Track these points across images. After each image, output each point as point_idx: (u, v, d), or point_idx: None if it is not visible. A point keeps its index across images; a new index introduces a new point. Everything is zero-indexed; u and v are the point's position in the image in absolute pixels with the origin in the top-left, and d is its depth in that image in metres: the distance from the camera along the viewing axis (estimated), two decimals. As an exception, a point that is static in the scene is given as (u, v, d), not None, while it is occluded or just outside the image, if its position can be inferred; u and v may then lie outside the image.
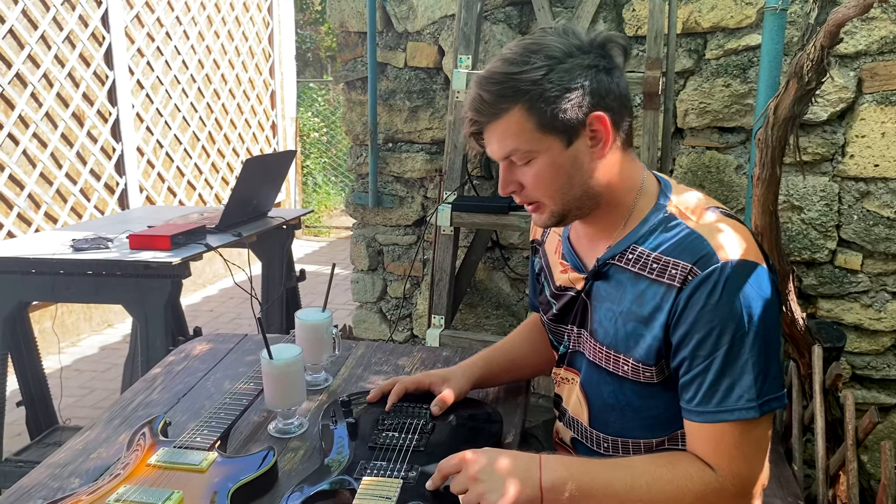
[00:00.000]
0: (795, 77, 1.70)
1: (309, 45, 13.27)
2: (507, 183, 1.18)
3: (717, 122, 2.45)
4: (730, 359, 1.07)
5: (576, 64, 1.11)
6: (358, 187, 2.92)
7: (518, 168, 1.16)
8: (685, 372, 1.11)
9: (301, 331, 1.55)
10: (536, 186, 1.16)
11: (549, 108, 1.10)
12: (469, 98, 1.15)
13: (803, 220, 2.43)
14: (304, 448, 1.32)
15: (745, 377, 1.06)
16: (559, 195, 1.16)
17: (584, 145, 1.14)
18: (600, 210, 1.21)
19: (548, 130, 1.11)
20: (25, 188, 4.11)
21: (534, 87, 1.09)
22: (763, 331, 1.07)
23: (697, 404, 1.09)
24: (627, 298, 1.17)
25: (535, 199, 1.18)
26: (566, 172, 1.14)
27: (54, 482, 1.22)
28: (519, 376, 1.57)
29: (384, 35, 2.75)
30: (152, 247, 2.37)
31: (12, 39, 3.98)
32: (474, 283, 2.82)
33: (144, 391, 1.56)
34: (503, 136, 1.13)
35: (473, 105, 1.14)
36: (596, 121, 1.13)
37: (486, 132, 1.15)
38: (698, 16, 2.39)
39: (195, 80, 5.56)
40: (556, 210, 1.19)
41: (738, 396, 1.06)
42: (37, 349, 2.71)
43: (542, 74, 1.09)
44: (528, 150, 1.12)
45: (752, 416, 1.06)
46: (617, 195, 1.19)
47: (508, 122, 1.11)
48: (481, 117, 1.13)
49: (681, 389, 1.13)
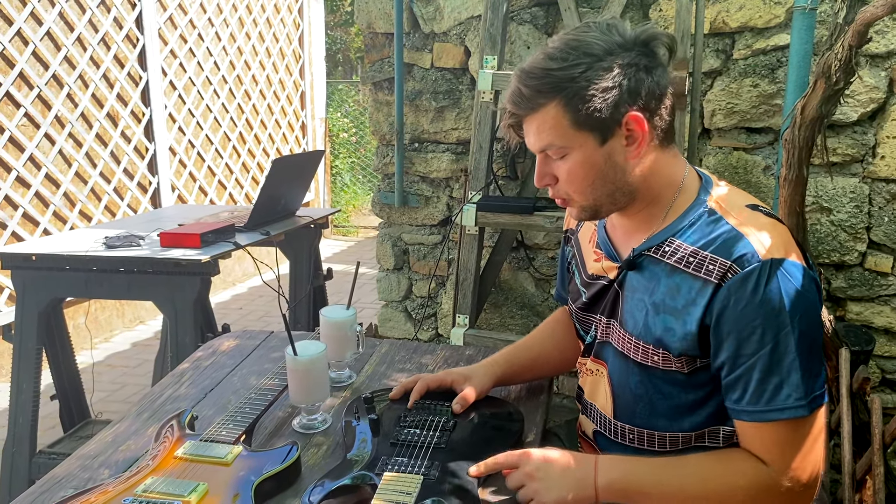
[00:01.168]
0: (823, 77, 1.68)
1: (339, 46, 13.36)
2: (542, 175, 1.20)
3: (744, 122, 2.43)
4: (775, 358, 1.07)
5: (615, 63, 1.11)
6: (384, 187, 2.95)
7: (553, 162, 1.17)
8: (729, 371, 1.11)
9: (325, 328, 1.57)
10: (569, 181, 1.17)
11: (584, 105, 1.10)
12: (509, 91, 1.17)
13: (832, 221, 2.40)
14: (328, 443, 1.34)
15: (793, 376, 1.07)
16: (589, 191, 1.18)
17: (619, 144, 1.14)
18: (637, 204, 1.21)
19: (582, 127, 1.12)
20: (61, 187, 4.20)
21: (570, 83, 1.10)
22: (806, 328, 1.07)
23: (747, 404, 1.10)
24: (660, 290, 1.18)
25: (566, 194, 1.20)
26: (599, 170, 1.15)
27: (84, 472, 1.25)
28: (541, 374, 1.57)
29: (411, 36, 2.77)
30: (182, 245, 2.41)
31: (49, 41, 4.07)
32: (499, 282, 2.83)
33: (172, 386, 1.59)
34: (539, 130, 1.14)
35: (512, 98, 1.15)
36: (632, 121, 1.13)
37: (524, 124, 1.17)
38: (726, 15, 2.37)
39: (226, 81, 5.63)
40: (585, 205, 1.20)
41: (786, 395, 1.07)
42: (70, 344, 2.77)
43: (579, 72, 1.10)
44: (562, 145, 1.14)
45: (802, 414, 1.07)
46: (655, 190, 1.20)
47: (545, 116, 1.13)
48: (519, 110, 1.15)
49: (726, 389, 1.13)
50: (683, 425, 1.21)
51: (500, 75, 2.38)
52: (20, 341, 2.50)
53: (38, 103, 4.03)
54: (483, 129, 2.42)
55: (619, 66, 1.11)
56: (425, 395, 1.46)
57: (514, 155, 2.64)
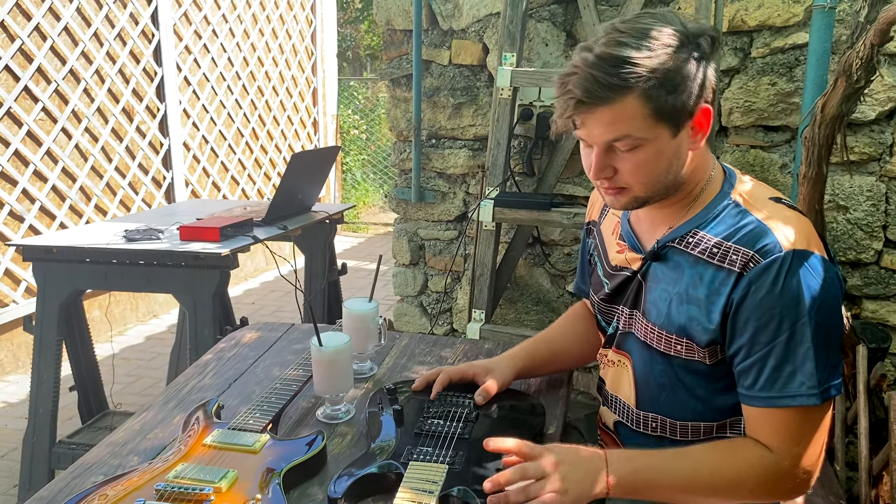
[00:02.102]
0: (844, 75, 1.69)
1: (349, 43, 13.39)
2: (603, 167, 1.14)
3: (761, 120, 2.44)
4: (791, 346, 1.08)
5: (690, 54, 1.10)
6: (401, 182, 2.96)
7: (618, 154, 1.13)
8: (744, 358, 1.13)
9: (348, 320, 1.59)
10: (634, 173, 1.14)
11: (668, 96, 1.08)
12: (577, 77, 1.08)
13: (849, 220, 2.40)
14: (352, 433, 1.36)
15: (807, 364, 1.08)
16: (653, 183, 1.16)
17: (686, 136, 1.14)
18: (675, 195, 1.21)
19: (661, 119, 1.10)
20: (77, 181, 4.23)
21: (654, 73, 1.06)
22: (824, 320, 1.09)
23: (759, 389, 1.11)
24: (684, 280, 1.19)
25: (626, 184, 1.16)
26: (668, 161, 1.14)
27: (114, 459, 1.27)
28: (562, 367, 1.59)
29: (429, 33, 2.79)
30: (202, 238, 2.43)
31: (67, 36, 4.10)
32: (514, 278, 2.84)
33: (197, 376, 1.61)
34: (613, 121, 1.09)
35: (585, 85, 1.07)
36: (703, 114, 1.13)
37: (589, 115, 1.10)
38: (744, 14, 2.37)
39: (240, 78, 5.66)
40: (641, 196, 1.18)
41: (799, 383, 1.08)
42: (90, 336, 2.80)
43: (661, 62, 1.07)
44: (639, 136, 1.10)
45: (814, 402, 1.08)
46: (692, 183, 1.21)
47: (623, 106, 1.08)
48: (593, 99, 1.08)
49: (739, 375, 1.15)
50: (706, 415, 1.23)
51: (518, 72, 2.39)
52: (41, 333, 2.53)
53: (56, 98, 4.06)
54: (501, 125, 2.44)
55: (693, 57, 1.10)
56: (447, 387, 1.47)
57: (531, 151, 2.65)
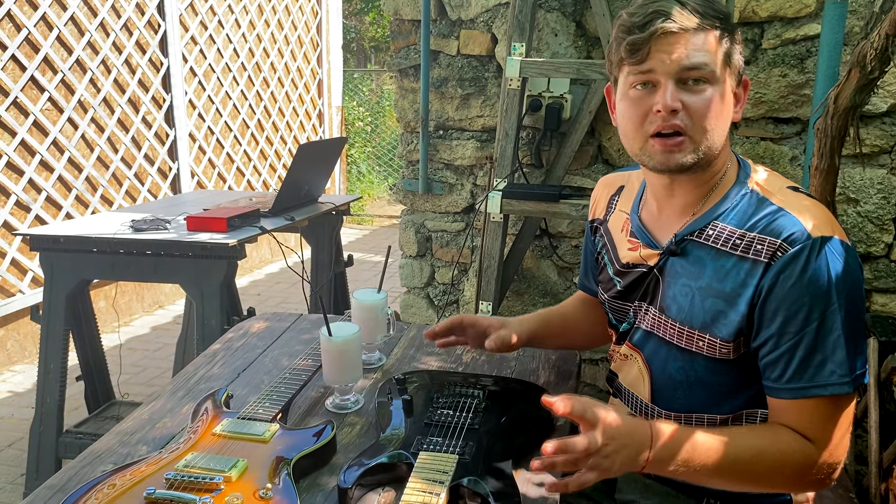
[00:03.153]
0: (858, 66, 1.67)
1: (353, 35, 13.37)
2: (675, 100, 1.12)
3: (772, 112, 2.42)
4: (821, 334, 1.07)
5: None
6: (408, 174, 2.95)
7: (689, 89, 1.13)
8: (771, 349, 1.11)
9: (357, 310, 1.59)
10: (701, 113, 1.13)
11: (736, 48, 1.16)
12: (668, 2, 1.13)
13: (859, 212, 2.39)
14: (361, 423, 1.36)
15: (838, 352, 1.07)
16: (712, 131, 1.15)
17: (733, 99, 1.18)
18: (696, 178, 1.20)
19: (729, 64, 1.15)
20: (83, 171, 4.23)
21: (728, 22, 1.16)
22: (851, 306, 1.08)
23: (788, 381, 1.10)
24: (707, 274, 1.18)
25: (687, 127, 1.14)
26: (727, 113, 1.17)
27: (123, 448, 1.27)
28: (570, 342, 1.60)
29: (437, 23, 2.77)
30: (209, 228, 2.43)
31: (73, 26, 4.09)
32: (522, 270, 2.83)
33: (206, 365, 1.61)
34: (700, 48, 1.12)
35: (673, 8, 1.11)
36: (745, 84, 1.20)
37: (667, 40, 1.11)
38: (756, 5, 2.36)
39: (246, 69, 5.65)
40: (699, 148, 1.14)
41: (830, 372, 1.07)
42: (96, 326, 2.80)
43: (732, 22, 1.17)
44: (714, 70, 1.13)
45: (846, 391, 1.07)
46: (716, 164, 1.21)
47: (708, 37, 1.13)
48: (686, 21, 1.11)
49: (765, 367, 1.13)
50: (723, 408, 1.22)
51: (527, 62, 2.38)
52: (48, 322, 2.53)
53: (62, 88, 4.06)
54: (510, 116, 2.42)
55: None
56: (456, 377, 1.47)
57: (539, 143, 2.64)
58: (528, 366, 1.62)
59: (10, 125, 3.74)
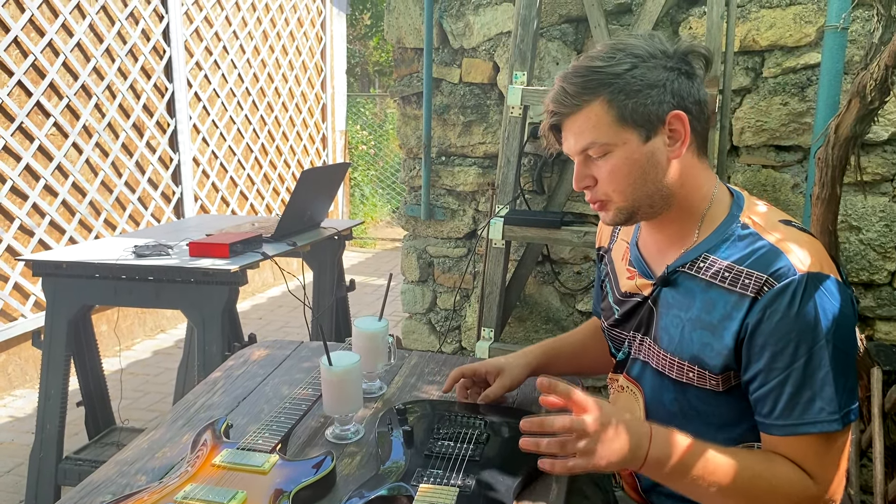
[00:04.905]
0: (858, 96, 1.68)
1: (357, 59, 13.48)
2: (582, 177, 1.19)
3: (773, 140, 2.43)
4: (808, 371, 1.07)
5: (659, 64, 1.14)
6: (410, 199, 2.96)
7: (594, 162, 1.17)
8: (760, 385, 1.11)
9: (358, 339, 1.58)
10: (610, 181, 1.17)
11: (630, 101, 1.12)
12: (552, 92, 1.18)
13: (861, 240, 2.39)
14: (361, 454, 1.35)
15: (826, 389, 1.06)
16: (630, 191, 1.17)
17: (661, 143, 1.16)
18: (671, 215, 1.21)
19: (627, 124, 1.13)
20: (87, 195, 4.24)
21: (616, 79, 1.12)
22: (840, 343, 1.07)
23: (777, 417, 1.09)
24: (696, 306, 1.18)
25: (605, 195, 1.19)
26: (641, 168, 1.15)
27: (122, 479, 1.26)
28: (583, 367, 1.58)
29: (440, 51, 2.79)
30: (211, 254, 2.43)
31: (79, 52, 4.13)
32: (524, 296, 2.83)
33: (206, 394, 1.60)
34: (582, 129, 1.15)
35: (556, 97, 1.17)
36: (675, 119, 1.15)
37: (564, 126, 1.18)
38: (756, 34, 2.37)
39: (250, 93, 5.69)
40: (623, 207, 1.19)
41: (819, 409, 1.06)
42: (98, 351, 2.79)
43: (625, 69, 1.13)
44: (605, 142, 1.14)
45: (835, 428, 1.07)
46: (689, 200, 1.20)
47: (588, 114, 1.14)
48: (562, 108, 1.16)
49: (756, 403, 1.13)
50: (718, 440, 1.21)
51: (529, 90, 2.39)
52: (49, 348, 2.53)
53: (67, 113, 4.09)
54: (511, 143, 2.44)
55: (663, 67, 1.14)
56: (457, 407, 1.46)
57: (541, 169, 2.65)
58: (530, 395, 1.61)
59: (15, 150, 3.76)
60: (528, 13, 2.40)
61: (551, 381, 1.05)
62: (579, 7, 2.55)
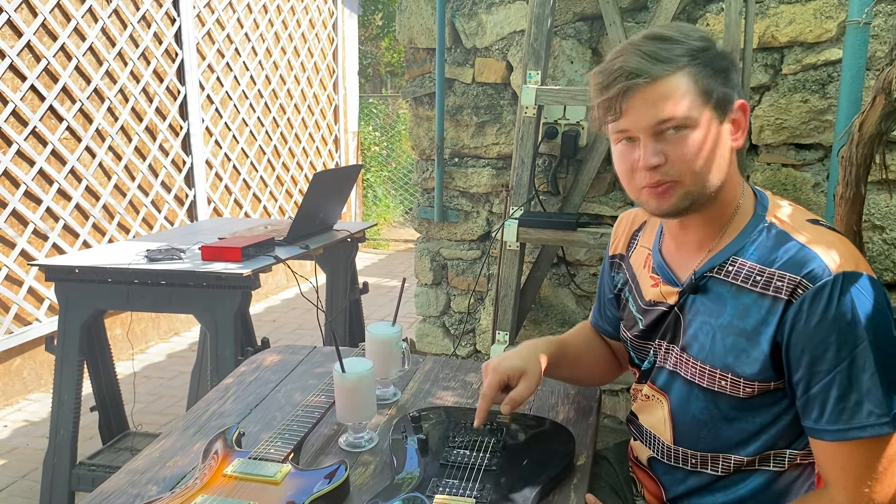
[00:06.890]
0: (883, 93, 1.63)
1: (369, 60, 13.48)
2: (655, 153, 1.09)
3: (793, 138, 2.38)
4: (853, 374, 1.03)
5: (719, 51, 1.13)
6: (423, 202, 2.93)
7: (667, 139, 1.09)
8: (805, 390, 1.07)
9: (371, 344, 1.56)
10: (686, 159, 1.09)
11: (717, 76, 1.09)
12: (626, 56, 1.09)
13: (885, 240, 2.33)
14: (375, 462, 1.32)
15: (874, 391, 1.02)
16: (704, 173, 1.11)
17: (727, 129, 1.13)
18: (704, 214, 1.17)
19: (709, 101, 1.09)
20: (101, 199, 4.25)
21: (701, 53, 1.09)
22: (882, 343, 1.03)
23: (827, 422, 1.05)
24: (728, 312, 1.14)
25: (678, 175, 1.10)
26: (716, 149, 1.11)
27: (133, 489, 1.24)
28: (579, 373, 1.50)
29: (452, 51, 2.76)
30: (223, 258, 2.41)
31: (92, 56, 4.13)
32: (539, 299, 2.79)
33: (218, 401, 1.58)
34: (663, 99, 1.07)
35: (635, 60, 1.07)
36: (740, 108, 1.13)
37: (634, 97, 1.08)
38: (775, 30, 2.33)
39: (262, 96, 5.68)
40: (692, 191, 1.11)
41: (868, 412, 1.02)
42: (111, 356, 2.78)
43: (706, 46, 1.10)
44: (687, 116, 1.08)
45: (887, 431, 1.03)
46: (726, 198, 1.17)
47: (673, 83, 1.07)
48: (644, 76, 1.07)
49: (802, 409, 1.09)
50: (749, 449, 1.17)
51: (543, 90, 2.36)
52: (62, 353, 2.52)
53: (80, 117, 4.09)
54: (525, 143, 2.40)
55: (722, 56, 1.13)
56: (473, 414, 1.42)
57: (555, 170, 2.61)
58: (546, 401, 1.58)
59: (28, 154, 3.76)
60: (541, 11, 2.36)
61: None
62: (594, 4, 2.51)
